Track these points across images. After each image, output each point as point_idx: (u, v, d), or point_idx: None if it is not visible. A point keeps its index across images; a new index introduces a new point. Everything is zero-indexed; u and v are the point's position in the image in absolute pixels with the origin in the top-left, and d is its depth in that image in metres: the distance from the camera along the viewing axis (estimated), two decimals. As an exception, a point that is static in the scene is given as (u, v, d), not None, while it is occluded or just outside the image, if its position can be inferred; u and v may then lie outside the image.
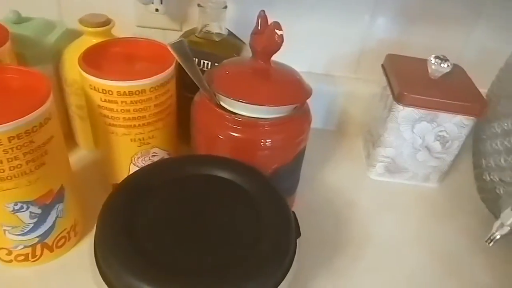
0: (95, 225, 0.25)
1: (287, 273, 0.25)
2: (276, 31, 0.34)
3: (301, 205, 0.45)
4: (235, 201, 0.28)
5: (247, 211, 0.27)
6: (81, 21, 0.41)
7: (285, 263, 0.25)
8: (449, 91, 0.45)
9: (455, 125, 0.45)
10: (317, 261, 0.39)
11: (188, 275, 0.23)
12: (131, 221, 0.25)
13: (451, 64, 0.45)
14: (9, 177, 0.29)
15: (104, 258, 0.23)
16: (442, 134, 0.46)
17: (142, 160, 0.38)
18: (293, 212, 0.28)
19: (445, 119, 0.45)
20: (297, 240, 0.27)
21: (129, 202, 0.26)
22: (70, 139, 0.48)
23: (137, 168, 0.31)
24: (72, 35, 0.44)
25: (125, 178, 0.28)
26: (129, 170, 0.38)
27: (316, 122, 0.56)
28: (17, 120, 0.28)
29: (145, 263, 0.23)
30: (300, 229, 0.42)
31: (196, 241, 0.25)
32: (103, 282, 0.23)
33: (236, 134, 0.35)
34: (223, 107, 0.36)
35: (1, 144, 0.28)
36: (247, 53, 0.44)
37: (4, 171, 0.29)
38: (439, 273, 0.40)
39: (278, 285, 0.24)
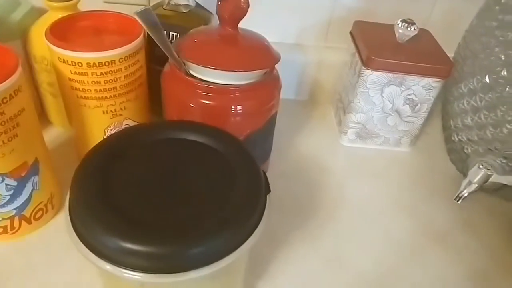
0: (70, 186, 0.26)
1: (258, 225, 0.26)
2: (241, -4, 0.34)
3: (274, 172, 0.46)
4: (205, 161, 0.28)
5: (218, 170, 0.28)
6: (46, -4, 0.40)
7: (255, 215, 0.26)
8: (416, 54, 0.46)
9: (423, 88, 0.47)
10: (290, 225, 0.41)
11: (161, 228, 0.24)
12: (105, 181, 0.25)
13: (417, 28, 0.46)
14: (-18, 149, 0.30)
15: (79, 217, 0.24)
16: (411, 97, 0.48)
17: (116, 133, 0.39)
18: (263, 171, 0.29)
19: (413, 82, 0.46)
20: (267, 196, 0.28)
21: (102, 164, 0.26)
22: (43, 117, 0.48)
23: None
24: (38, 13, 0.44)
25: (98, 143, 0.28)
26: (103, 143, 0.39)
27: (288, 92, 0.57)
28: (-15, 92, 0.28)
29: (118, 219, 0.23)
30: (274, 196, 0.43)
31: (169, 198, 0.26)
32: (79, 241, 0.24)
33: (207, 102, 0.36)
34: (193, 75, 0.37)
35: (-29, 116, 0.28)
36: (215, 23, 0.44)
37: (-24, 143, 0.29)
38: (414, 233, 0.42)
39: (250, 235, 0.25)
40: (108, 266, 0.23)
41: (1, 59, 0.31)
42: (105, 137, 0.39)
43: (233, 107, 0.37)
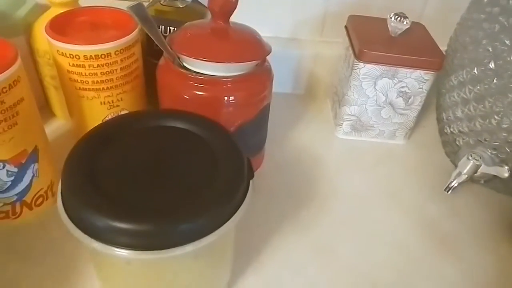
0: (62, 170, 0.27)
1: (239, 208, 0.27)
2: (231, -10, 0.36)
3: (269, 163, 0.47)
4: (191, 148, 0.30)
5: (203, 156, 0.29)
6: (48, -7, 0.42)
7: (237, 198, 0.27)
8: (408, 47, 0.47)
9: (416, 80, 0.47)
10: (282, 215, 0.41)
11: (146, 208, 0.25)
12: (94, 165, 0.27)
13: (409, 21, 0.47)
14: (-17, 136, 0.31)
15: (69, 199, 0.26)
16: (404, 90, 0.48)
17: (113, 123, 0.40)
18: (247, 157, 0.30)
19: (405, 74, 0.47)
20: (251, 181, 0.29)
21: (91, 150, 0.28)
22: (47, 109, 0.50)
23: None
24: (41, 9, 0.46)
25: (89, 130, 0.30)
26: (102, 133, 0.40)
27: (285, 86, 0.59)
28: (-14, 82, 0.30)
29: (105, 200, 0.25)
30: (267, 185, 0.44)
31: (155, 181, 0.27)
32: (70, 221, 0.26)
33: (200, 93, 0.37)
34: (186, 68, 0.38)
35: (-27, 104, 0.30)
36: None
37: (-22, 130, 0.31)
38: (406, 225, 0.42)
39: (232, 216, 0.26)
40: (96, 244, 0.25)
41: (2, 52, 0.33)
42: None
43: (225, 98, 0.38)
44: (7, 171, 0.34)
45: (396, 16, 0.47)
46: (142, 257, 0.25)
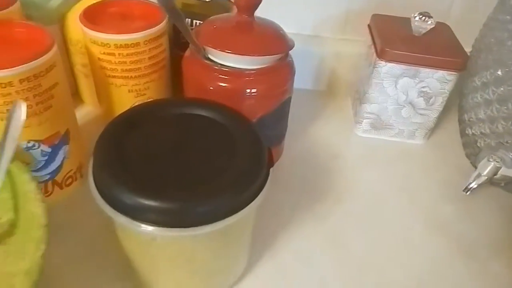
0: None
1: (259, 192, 0.28)
2: (257, -15, 0.37)
3: (288, 157, 0.48)
4: (214, 135, 0.31)
5: (225, 142, 0.30)
6: (81, -16, 0.44)
7: (256, 184, 0.28)
8: (430, 46, 0.47)
9: (438, 81, 0.47)
10: (297, 206, 0.42)
11: (171, 187, 0.26)
12: (122, 148, 0.28)
13: (434, 21, 0.47)
14: (22, 117, 0.33)
15: (100, 178, 0.27)
16: (425, 90, 0.48)
17: (140, 111, 0.42)
18: (269, 148, 0.31)
19: (427, 74, 0.47)
20: (271, 170, 0.30)
21: (120, 133, 0.29)
22: (76, 96, 0.52)
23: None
24: (74, 0, 0.47)
25: (118, 115, 0.31)
26: (128, 120, 0.42)
27: (306, 83, 0.59)
28: (26, 64, 0.31)
29: (131, 180, 0.26)
30: (284, 177, 0.45)
31: (180, 163, 0.28)
32: (101, 198, 0.27)
33: (224, 84, 0.39)
34: (211, 59, 0.39)
35: (13, 86, 0.32)
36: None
37: (18, 111, 0.33)
38: (417, 223, 0.42)
39: (251, 201, 0.27)
40: (124, 219, 0.26)
41: (39, 38, 0.35)
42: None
43: (248, 90, 0.39)
44: (41, 150, 0.36)
45: (420, 16, 0.47)
46: (167, 234, 0.26)
